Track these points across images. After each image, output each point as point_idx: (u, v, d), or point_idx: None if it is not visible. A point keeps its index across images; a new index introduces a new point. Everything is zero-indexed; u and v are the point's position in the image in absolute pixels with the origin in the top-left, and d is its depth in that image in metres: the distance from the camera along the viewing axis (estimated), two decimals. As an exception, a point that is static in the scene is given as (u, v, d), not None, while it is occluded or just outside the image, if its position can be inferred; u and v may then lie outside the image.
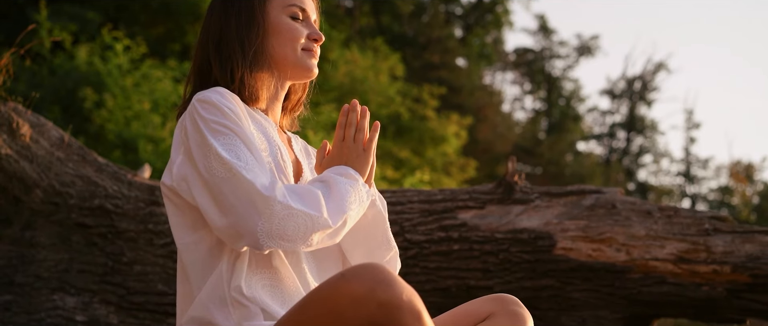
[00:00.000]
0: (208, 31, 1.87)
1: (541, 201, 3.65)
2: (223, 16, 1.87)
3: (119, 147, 8.97)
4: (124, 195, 3.71)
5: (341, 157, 1.81)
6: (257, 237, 1.61)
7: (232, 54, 1.83)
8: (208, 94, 1.72)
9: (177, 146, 1.74)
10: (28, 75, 9.06)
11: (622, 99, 28.34)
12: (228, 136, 1.67)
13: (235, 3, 1.87)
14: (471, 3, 23.45)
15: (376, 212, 1.90)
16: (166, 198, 1.77)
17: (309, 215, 1.63)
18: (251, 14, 1.85)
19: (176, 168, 1.72)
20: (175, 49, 11.16)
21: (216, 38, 1.85)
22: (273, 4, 1.87)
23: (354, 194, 1.73)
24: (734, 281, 3.40)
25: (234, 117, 1.71)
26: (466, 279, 3.57)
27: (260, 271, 1.72)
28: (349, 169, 1.78)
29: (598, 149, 28.55)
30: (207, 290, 1.70)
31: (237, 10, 1.85)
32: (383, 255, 1.93)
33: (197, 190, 1.66)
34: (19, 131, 3.60)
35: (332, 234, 1.69)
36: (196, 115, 1.70)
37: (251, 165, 1.65)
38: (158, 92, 9.39)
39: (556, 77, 27.85)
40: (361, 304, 1.42)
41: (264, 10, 1.86)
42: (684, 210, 3.58)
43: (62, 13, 10.12)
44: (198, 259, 1.73)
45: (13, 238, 3.62)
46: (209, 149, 1.65)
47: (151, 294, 3.60)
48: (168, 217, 1.78)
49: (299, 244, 1.65)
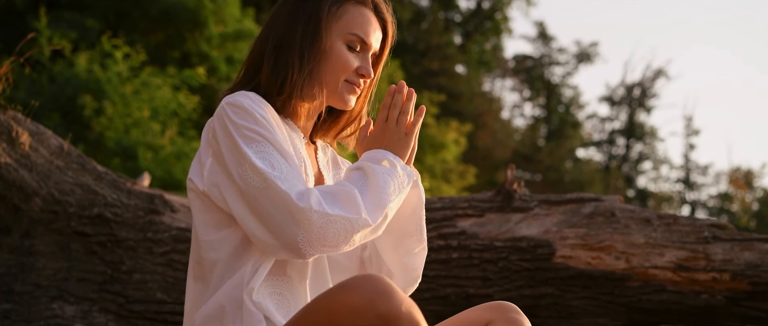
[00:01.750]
0: (273, 29, 1.82)
1: (540, 209, 3.65)
2: (290, 20, 1.81)
3: (119, 154, 8.97)
4: (124, 204, 3.71)
5: (383, 139, 1.78)
6: (299, 248, 1.60)
7: (288, 62, 1.78)
8: (239, 99, 1.70)
9: (205, 147, 1.72)
10: (28, 83, 9.06)
11: (621, 105, 28.36)
12: (261, 143, 1.65)
13: (305, 12, 1.80)
14: (470, 10, 23.48)
15: (416, 193, 1.86)
16: (192, 193, 1.75)
17: (347, 218, 1.61)
18: (317, 29, 1.79)
19: (207, 172, 1.69)
20: (174, 57, 11.15)
21: (278, 41, 1.80)
22: (337, 25, 1.81)
23: (393, 184, 1.70)
24: (734, 289, 3.40)
25: (266, 123, 1.68)
26: (465, 287, 3.57)
27: (272, 278, 1.71)
28: (389, 154, 1.75)
29: (597, 156, 28.57)
30: (226, 290, 1.68)
31: (305, 20, 1.79)
32: (412, 247, 1.89)
33: (232, 199, 1.65)
34: (18, 139, 3.60)
35: (374, 230, 1.67)
36: (227, 120, 1.67)
37: (286, 173, 1.63)
38: (158, 100, 9.39)
39: (555, 84, 27.87)
40: (360, 315, 1.42)
41: (329, 29, 1.80)
42: (683, 218, 3.58)
43: (62, 20, 10.12)
44: (219, 258, 1.71)
45: (13, 247, 3.62)
46: (243, 157, 1.63)
47: (151, 302, 3.59)
48: (192, 213, 1.75)
49: (342, 247, 1.63)
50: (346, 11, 1.82)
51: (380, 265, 1.90)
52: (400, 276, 1.90)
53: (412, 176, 1.78)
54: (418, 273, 1.91)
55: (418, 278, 1.92)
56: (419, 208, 1.87)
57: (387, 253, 1.89)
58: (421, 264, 1.91)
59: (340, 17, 1.81)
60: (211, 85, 10.63)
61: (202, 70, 10.16)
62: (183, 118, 9.89)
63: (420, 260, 1.90)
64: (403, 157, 1.78)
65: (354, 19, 1.82)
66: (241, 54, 11.06)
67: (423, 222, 1.88)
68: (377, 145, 1.78)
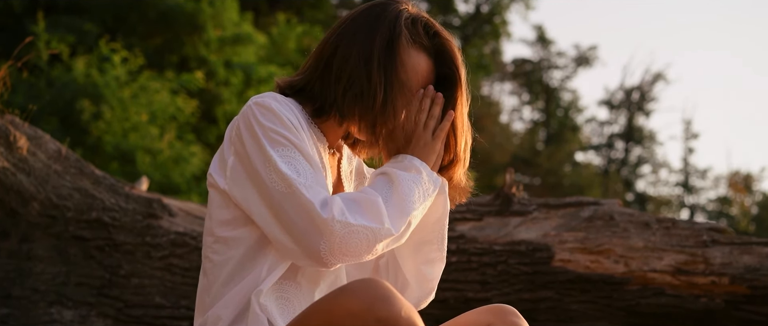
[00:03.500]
0: (354, 38, 1.74)
1: (539, 213, 3.65)
2: (379, 37, 1.74)
3: (117, 158, 8.97)
4: (122, 208, 3.71)
5: (408, 144, 1.76)
6: (321, 257, 1.58)
7: (355, 83, 1.71)
8: (267, 100, 1.67)
9: (228, 145, 1.69)
10: (26, 87, 9.05)
11: (620, 109, 28.35)
12: (287, 147, 1.63)
13: (396, 40, 1.74)
14: (469, 14, 23.49)
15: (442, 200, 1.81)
16: (212, 188, 1.73)
17: (370, 228, 1.59)
18: (399, 63, 1.74)
19: (230, 171, 1.67)
20: (172, 61, 11.15)
21: (358, 56, 1.72)
22: (413, 64, 1.78)
23: (418, 191, 1.68)
24: (733, 292, 3.39)
25: (293, 128, 1.65)
26: (464, 291, 3.56)
27: (281, 282, 1.69)
28: (414, 160, 1.73)
29: (596, 159, 28.55)
30: (241, 291, 1.66)
31: (389, 46, 1.73)
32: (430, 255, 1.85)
33: (254, 201, 1.63)
34: (16, 144, 3.60)
35: (397, 239, 1.65)
36: (253, 120, 1.65)
37: (310, 180, 1.61)
38: (156, 104, 9.39)
39: (554, 88, 27.87)
40: (360, 320, 1.42)
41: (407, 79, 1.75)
42: (682, 221, 3.58)
43: (60, 24, 10.11)
44: (233, 256, 1.69)
45: (10, 251, 3.62)
46: (269, 160, 1.61)
47: (149, 307, 3.59)
48: (209, 208, 1.73)
49: (365, 256, 1.62)
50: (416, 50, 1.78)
51: (396, 274, 1.87)
52: (416, 288, 1.86)
53: (438, 183, 1.76)
54: (434, 285, 1.87)
55: (433, 290, 1.88)
56: (444, 217, 1.83)
57: (405, 260, 1.85)
58: (438, 276, 1.87)
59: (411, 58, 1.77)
60: (210, 89, 10.64)
61: (201, 74, 10.17)
62: (181, 122, 9.90)
63: (437, 270, 1.87)
64: (429, 162, 1.75)
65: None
66: (239, 58, 11.07)
67: (445, 232, 1.84)
68: (404, 150, 1.76)
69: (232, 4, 11.32)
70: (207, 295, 1.73)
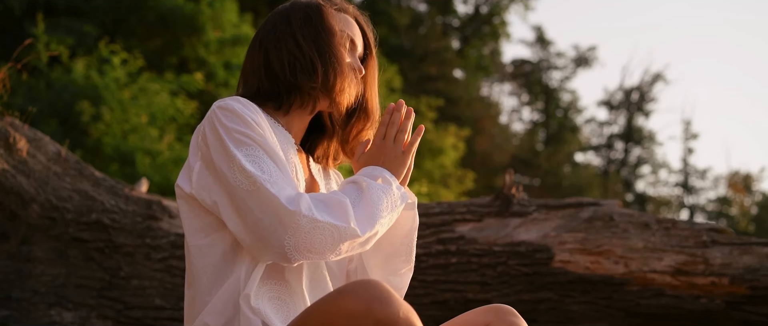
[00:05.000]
0: (267, 38, 1.82)
1: (538, 214, 3.65)
2: (283, 29, 1.82)
3: (116, 160, 8.96)
4: (122, 210, 3.71)
5: (379, 157, 1.79)
6: (285, 252, 1.59)
7: (298, 72, 1.78)
8: (230, 102, 1.70)
9: (194, 151, 1.71)
10: (25, 89, 9.05)
11: (619, 110, 28.37)
12: (251, 146, 1.65)
13: (297, 19, 1.82)
14: (468, 15, 23.50)
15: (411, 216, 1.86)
16: (181, 199, 1.74)
17: (336, 226, 1.60)
18: (315, 35, 1.81)
19: (196, 176, 1.69)
20: (172, 63, 11.15)
21: (275, 51, 1.80)
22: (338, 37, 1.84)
23: (387, 200, 1.70)
24: (733, 293, 3.40)
25: (256, 127, 1.68)
26: (464, 292, 3.57)
27: (270, 282, 1.70)
28: (385, 172, 1.75)
29: (596, 160, 28.58)
30: (223, 297, 1.67)
31: (301, 24, 1.81)
32: (399, 267, 1.88)
33: (221, 202, 1.64)
34: (16, 146, 3.60)
35: (363, 243, 1.67)
36: (217, 123, 1.67)
37: (275, 177, 1.62)
38: (156, 105, 9.38)
39: (553, 88, 27.88)
40: (358, 321, 1.42)
41: (325, 33, 1.82)
42: (682, 222, 3.58)
43: (59, 26, 10.11)
44: (209, 263, 1.70)
45: (10, 253, 3.62)
46: (233, 160, 1.63)
47: (149, 308, 3.59)
48: (181, 219, 1.75)
49: (328, 255, 1.63)
50: (333, 15, 1.85)
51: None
52: None
53: (406, 198, 1.79)
54: (402, 293, 1.91)
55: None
56: (413, 232, 1.88)
57: (373, 270, 1.88)
58: (406, 285, 1.91)
59: (330, 20, 1.84)
60: (209, 90, 10.63)
61: (200, 76, 10.16)
62: (181, 123, 9.89)
63: (405, 280, 1.90)
64: (399, 175, 1.78)
65: (340, 22, 1.86)
66: (238, 59, 11.06)
67: (414, 245, 1.89)
68: (374, 162, 1.79)
69: (232, 5, 11.32)
70: (192, 306, 1.75)
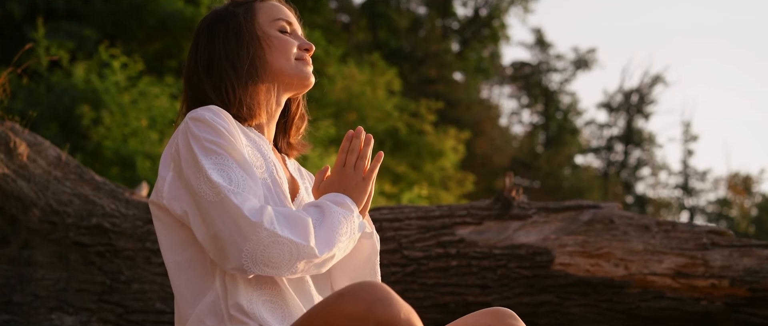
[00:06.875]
0: (196, 55, 1.86)
1: (538, 217, 3.65)
2: (209, 39, 1.86)
3: (117, 164, 8.97)
4: (122, 214, 3.71)
5: (340, 184, 1.79)
6: (242, 263, 1.59)
7: (224, 74, 1.81)
8: (201, 112, 1.71)
9: (166, 163, 1.72)
10: (26, 93, 9.06)
11: (619, 112, 28.37)
12: (220, 155, 1.65)
13: (221, 24, 1.86)
14: (468, 17, 23.52)
15: (370, 244, 1.88)
16: (155, 216, 1.75)
17: (294, 243, 1.61)
18: (238, 32, 1.84)
19: (167, 186, 1.69)
20: (172, 66, 11.17)
21: (205, 62, 1.84)
22: (260, 20, 1.87)
23: (346, 225, 1.71)
24: (733, 295, 3.40)
25: (228, 135, 1.69)
26: (464, 295, 3.57)
27: (261, 287, 1.70)
28: (347, 198, 1.76)
29: (595, 162, 28.57)
30: (203, 308, 1.68)
31: (223, 31, 1.85)
32: None
33: (191, 212, 1.65)
34: (16, 150, 3.60)
35: (319, 264, 1.67)
36: (189, 133, 1.68)
37: (242, 187, 1.63)
38: (155, 109, 9.40)
39: (553, 91, 27.89)
40: (359, 323, 1.42)
41: (252, 26, 1.86)
42: (682, 224, 3.58)
43: (59, 30, 10.12)
44: (190, 278, 1.71)
45: (11, 258, 3.62)
46: (200, 170, 1.63)
47: (150, 312, 3.59)
48: (158, 237, 1.76)
49: (284, 271, 1.63)
50: (258, 8, 1.89)
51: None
52: None
53: (364, 227, 1.80)
54: None
55: None
56: (374, 256, 1.89)
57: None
58: None
59: (256, 14, 1.88)
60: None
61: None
62: (181, 126, 9.89)
63: None
64: (359, 202, 1.79)
65: (270, 9, 1.90)
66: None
67: (377, 268, 1.90)
68: (334, 189, 1.79)
69: (231, 9, 11.32)
70: (179, 318, 1.75)
